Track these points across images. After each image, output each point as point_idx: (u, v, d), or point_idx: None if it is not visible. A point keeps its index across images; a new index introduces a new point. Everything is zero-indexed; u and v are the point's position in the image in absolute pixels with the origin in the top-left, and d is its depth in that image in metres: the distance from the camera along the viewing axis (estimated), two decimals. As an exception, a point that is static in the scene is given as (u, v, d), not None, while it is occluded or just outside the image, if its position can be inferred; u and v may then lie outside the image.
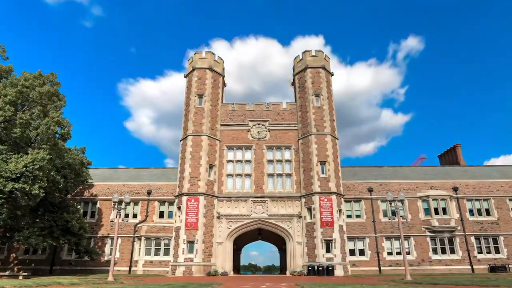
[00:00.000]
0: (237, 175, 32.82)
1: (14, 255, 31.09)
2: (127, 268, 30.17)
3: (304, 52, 36.23)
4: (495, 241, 31.71)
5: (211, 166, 31.87)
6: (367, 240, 31.12)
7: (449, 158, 43.43)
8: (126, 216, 30.72)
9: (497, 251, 31.41)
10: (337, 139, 33.37)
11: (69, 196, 31.25)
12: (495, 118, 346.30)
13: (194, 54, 36.14)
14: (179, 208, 30.41)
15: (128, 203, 28.83)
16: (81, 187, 31.83)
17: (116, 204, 23.28)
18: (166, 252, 30.20)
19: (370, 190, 32.69)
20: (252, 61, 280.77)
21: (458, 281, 16.66)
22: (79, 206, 31.72)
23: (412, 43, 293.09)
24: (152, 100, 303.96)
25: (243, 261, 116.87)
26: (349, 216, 32.01)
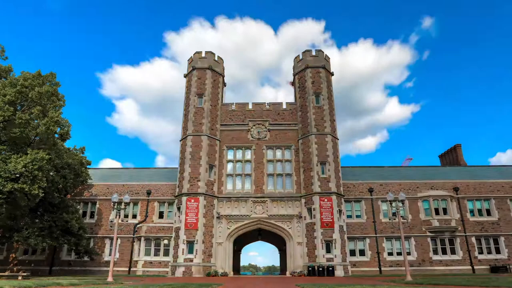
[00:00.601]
0: (237, 175, 32.73)
1: (13, 255, 30.98)
2: (127, 269, 30.08)
3: (304, 52, 36.18)
4: (496, 242, 31.62)
5: (211, 166, 31.77)
6: (368, 240, 31.02)
7: (449, 158, 43.30)
8: (126, 216, 30.67)
9: (498, 251, 31.33)
10: (337, 139, 33.30)
11: (68, 196, 31.11)
12: (500, 112, 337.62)
13: (194, 54, 36.06)
14: (178, 208, 30.32)
15: (127, 204, 28.61)
16: (80, 187, 31.76)
17: (116, 204, 23.15)
18: (166, 253, 30.11)
19: (371, 190, 32.59)
20: (237, 45, 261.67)
21: (459, 282, 16.53)
22: (78, 207, 31.67)
23: (426, 25, 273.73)
24: (132, 89, 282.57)
25: (243, 262, 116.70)
26: (349, 216, 31.91)
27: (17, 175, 21.61)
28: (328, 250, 28.32)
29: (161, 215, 32.41)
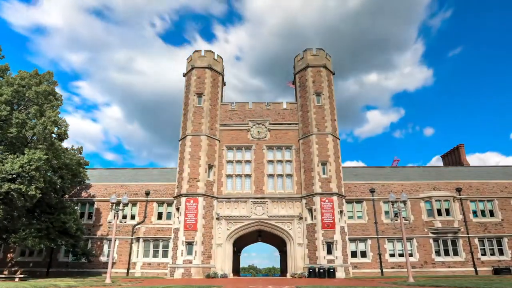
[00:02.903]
0: (237, 175, 32.38)
1: (10, 256, 30.69)
2: (125, 270, 29.73)
3: (305, 51, 35.86)
4: (499, 243, 31.23)
5: (210, 167, 31.44)
6: (369, 241, 30.65)
7: (452, 158, 42.91)
8: (124, 217, 30.26)
9: (501, 253, 30.93)
10: (338, 138, 32.97)
11: (66, 197, 30.83)
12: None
13: (193, 53, 35.76)
14: (177, 209, 29.98)
15: (126, 204, 28.26)
16: (78, 187, 31.48)
17: (114, 205, 22.87)
18: (165, 254, 29.79)
19: (372, 191, 32.22)
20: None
21: (461, 284, 16.20)
22: (76, 207, 31.26)
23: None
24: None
25: (243, 263, 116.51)
26: (350, 217, 31.54)
27: (14, 176, 21.39)
28: (329, 252, 27.97)
29: (160, 216, 32.07)
